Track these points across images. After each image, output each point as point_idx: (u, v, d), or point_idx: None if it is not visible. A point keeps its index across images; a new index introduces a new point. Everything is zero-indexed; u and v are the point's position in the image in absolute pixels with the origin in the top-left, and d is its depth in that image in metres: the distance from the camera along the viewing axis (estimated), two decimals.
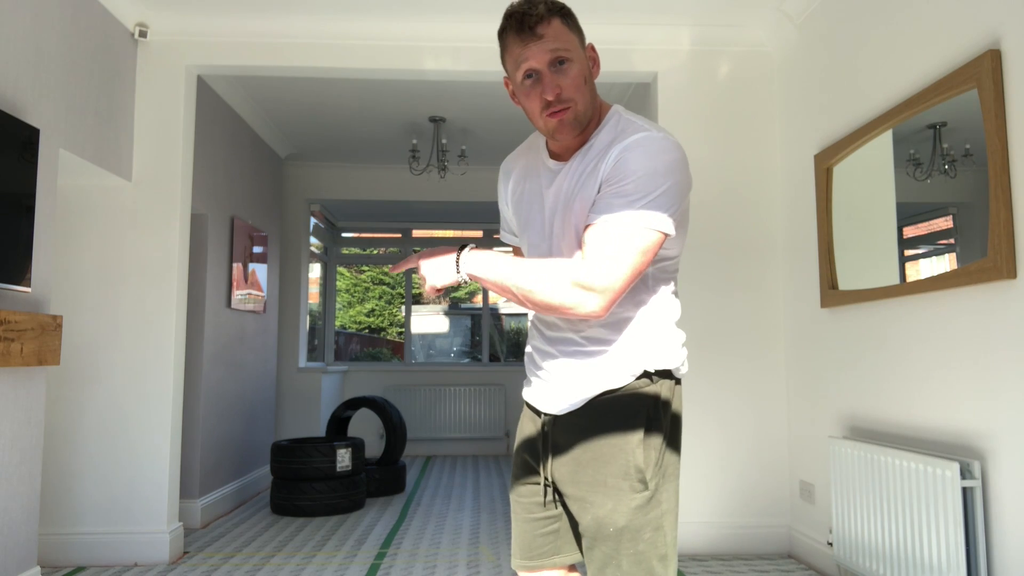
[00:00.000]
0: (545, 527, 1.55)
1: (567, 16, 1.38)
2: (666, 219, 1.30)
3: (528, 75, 1.37)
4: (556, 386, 1.48)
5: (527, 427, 1.60)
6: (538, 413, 1.55)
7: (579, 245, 1.38)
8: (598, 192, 1.35)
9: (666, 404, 1.44)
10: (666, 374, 1.45)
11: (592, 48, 1.44)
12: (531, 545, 1.56)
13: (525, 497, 1.57)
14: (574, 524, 1.51)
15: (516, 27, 1.35)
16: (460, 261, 1.35)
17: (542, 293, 1.29)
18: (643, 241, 1.29)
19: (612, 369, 1.43)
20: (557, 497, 1.52)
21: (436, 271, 1.36)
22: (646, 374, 1.43)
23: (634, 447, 1.39)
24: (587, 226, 1.33)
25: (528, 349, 1.60)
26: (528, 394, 1.58)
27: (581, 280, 1.27)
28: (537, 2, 1.36)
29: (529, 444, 1.57)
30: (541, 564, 1.55)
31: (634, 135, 1.35)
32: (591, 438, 1.42)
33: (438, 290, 1.38)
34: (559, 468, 1.47)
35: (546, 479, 1.51)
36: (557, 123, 1.37)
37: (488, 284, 1.34)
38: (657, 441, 1.41)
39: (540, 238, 1.48)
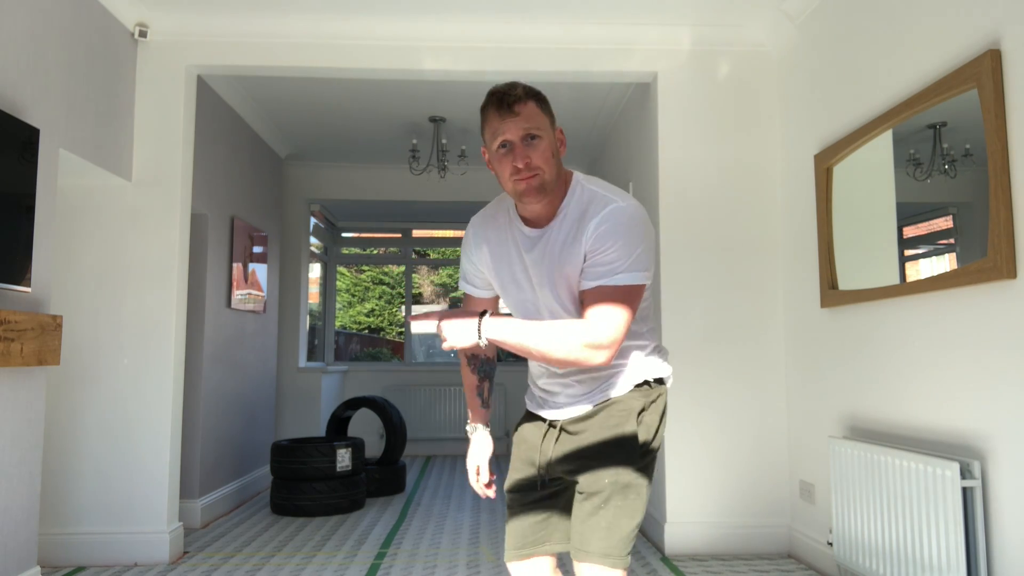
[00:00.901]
0: (538, 517, 1.77)
1: (541, 101, 1.62)
2: (645, 273, 1.57)
3: (503, 145, 1.59)
4: (569, 404, 1.75)
5: (529, 431, 1.83)
6: (543, 420, 1.80)
7: (573, 302, 1.64)
8: (585, 260, 1.58)
9: (658, 401, 1.73)
10: (660, 381, 1.75)
11: (560, 131, 1.66)
12: (524, 534, 1.77)
13: (523, 491, 1.79)
14: (566, 508, 1.76)
15: (496, 104, 1.58)
16: (482, 328, 1.52)
17: (558, 352, 1.51)
18: (631, 297, 1.55)
19: (618, 384, 1.71)
20: (551, 483, 1.76)
21: (458, 333, 1.54)
22: (645, 382, 1.72)
23: (634, 427, 1.68)
24: (583, 291, 1.57)
25: (536, 389, 1.83)
26: (535, 409, 1.83)
27: (590, 340, 1.50)
28: (517, 85, 1.59)
29: (530, 442, 1.81)
30: (532, 551, 1.76)
31: (604, 208, 1.58)
32: (598, 423, 1.70)
33: (458, 348, 1.57)
34: (564, 447, 1.73)
35: (544, 463, 1.76)
36: (525, 187, 1.58)
37: (506, 346, 1.54)
38: (652, 428, 1.70)
39: (529, 295, 1.71)
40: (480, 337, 1.52)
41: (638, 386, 1.71)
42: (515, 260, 1.71)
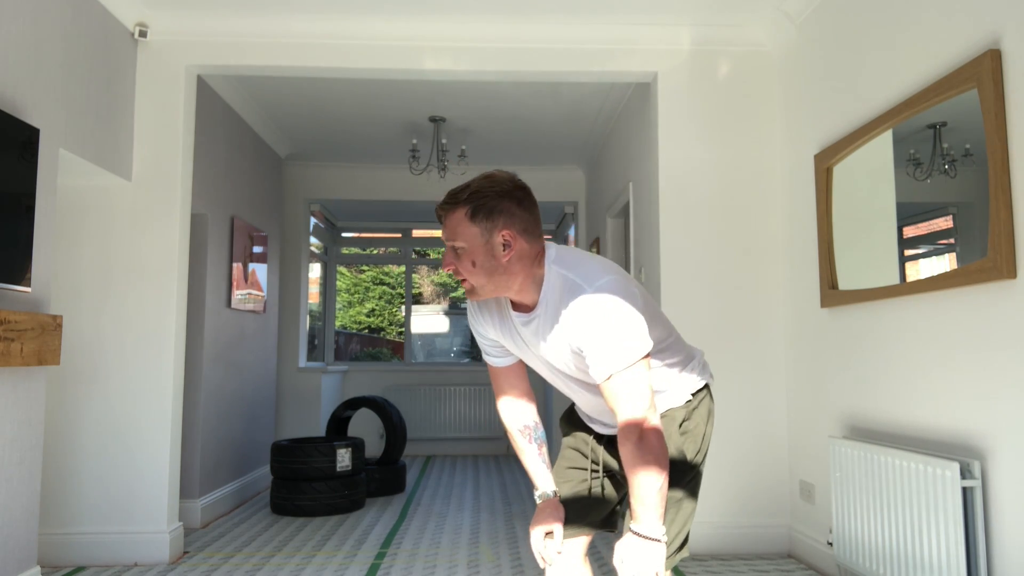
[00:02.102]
0: (580, 498, 1.86)
1: (478, 209, 1.58)
2: (643, 342, 1.55)
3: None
4: (612, 427, 1.83)
5: (580, 433, 1.95)
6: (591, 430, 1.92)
7: (582, 370, 1.66)
8: (580, 351, 1.59)
9: (700, 407, 1.81)
10: (701, 390, 1.84)
11: (506, 234, 1.59)
12: (568, 515, 1.85)
13: (570, 482, 1.90)
14: (608, 492, 1.89)
15: (438, 209, 1.63)
16: (662, 539, 1.52)
17: (662, 460, 1.53)
18: (641, 370, 1.55)
19: (660, 406, 1.77)
20: (604, 475, 1.88)
21: (657, 563, 1.50)
22: (687, 399, 1.81)
23: (679, 444, 1.77)
24: (599, 384, 1.59)
25: (583, 413, 1.93)
26: (584, 418, 1.94)
27: (641, 430, 1.53)
28: (453, 193, 1.60)
29: (580, 436, 1.94)
30: (575, 532, 1.84)
31: (575, 302, 1.56)
32: None
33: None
34: (613, 455, 1.85)
35: (595, 463, 1.88)
36: (464, 288, 1.67)
37: (663, 509, 1.55)
38: (698, 435, 1.80)
39: (544, 367, 1.78)
40: (663, 541, 1.52)
41: (685, 402, 1.80)
42: (518, 340, 1.76)
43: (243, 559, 3.75)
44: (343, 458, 4.86)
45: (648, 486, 1.51)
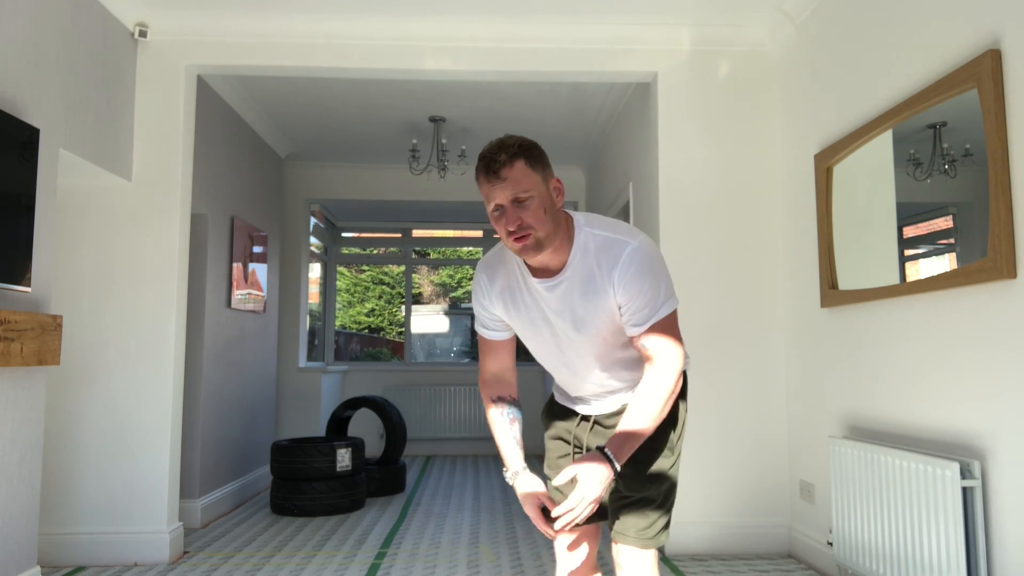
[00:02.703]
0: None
1: (532, 157, 1.62)
2: (675, 298, 1.70)
3: (496, 208, 1.62)
4: (604, 404, 1.86)
5: (562, 425, 1.95)
6: (575, 414, 1.93)
7: (606, 344, 1.73)
8: (620, 307, 1.67)
9: (683, 394, 1.86)
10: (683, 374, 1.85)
11: (556, 181, 1.67)
12: None
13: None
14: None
15: (484, 169, 1.61)
16: (615, 465, 1.59)
17: (669, 403, 1.67)
18: (674, 321, 1.70)
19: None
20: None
21: (599, 485, 1.57)
22: None
23: (667, 425, 1.80)
24: (637, 335, 1.68)
25: (568, 398, 1.94)
26: (566, 403, 1.94)
27: (672, 374, 1.66)
28: (502, 148, 1.60)
29: (563, 428, 1.94)
30: (581, 525, 1.82)
31: (622, 254, 1.65)
32: None
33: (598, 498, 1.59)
34: (598, 438, 1.87)
35: (578, 447, 1.90)
36: (521, 247, 1.62)
37: (632, 451, 1.64)
38: (681, 417, 1.84)
39: (549, 341, 1.78)
40: (618, 470, 1.59)
41: None
42: (532, 309, 1.76)
43: (243, 559, 3.75)
44: (343, 458, 4.86)
45: (643, 421, 1.63)
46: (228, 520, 4.64)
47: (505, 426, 1.85)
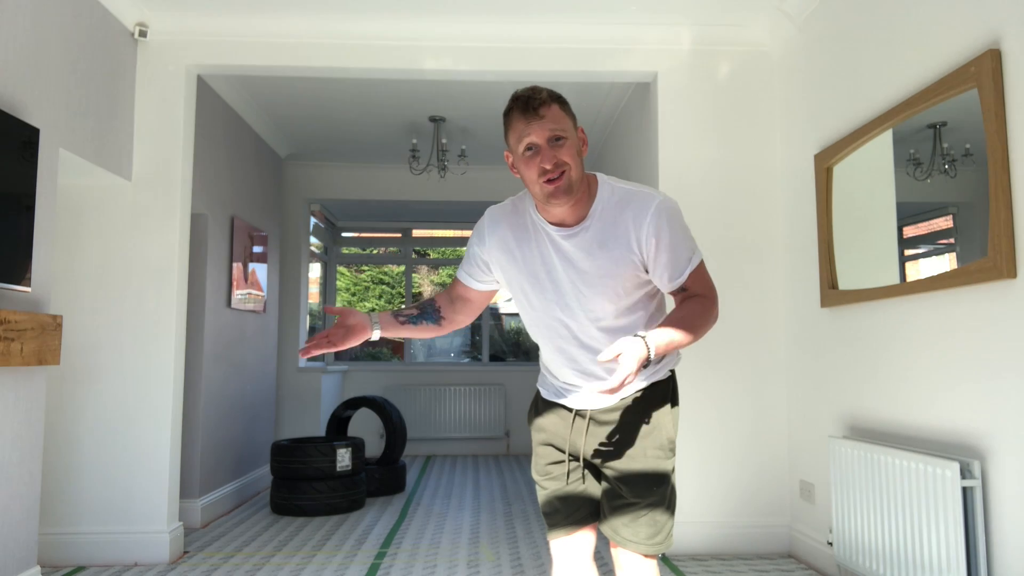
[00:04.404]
0: (574, 496, 1.84)
1: (564, 103, 1.66)
2: (700, 250, 1.75)
3: (529, 148, 1.62)
4: (593, 390, 1.72)
5: (551, 421, 1.87)
6: (568, 410, 1.84)
7: (615, 300, 1.72)
8: (649, 261, 1.68)
9: (675, 391, 1.86)
10: (672, 371, 1.87)
11: (582, 130, 1.70)
12: (567, 512, 1.85)
13: (554, 476, 1.86)
14: (596, 485, 1.86)
15: (522, 107, 1.62)
16: (650, 351, 1.55)
17: (706, 330, 1.69)
18: (705, 268, 1.75)
19: (645, 377, 1.79)
20: (585, 471, 1.85)
21: (636, 362, 1.51)
22: (666, 376, 1.84)
23: (667, 424, 1.81)
24: (678, 286, 1.71)
25: (556, 380, 1.86)
26: (554, 397, 1.87)
27: (717, 309, 1.73)
28: (540, 89, 1.64)
29: (553, 431, 1.87)
30: (578, 527, 1.84)
31: (650, 207, 1.66)
32: (631, 413, 1.79)
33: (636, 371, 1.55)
34: (596, 439, 1.81)
35: (574, 456, 1.83)
36: (552, 189, 1.61)
37: (673, 346, 1.61)
38: (677, 416, 1.84)
39: (552, 295, 1.74)
40: (651, 355, 1.54)
41: (663, 379, 1.83)
42: (537, 258, 1.74)
43: (243, 559, 3.75)
44: (343, 458, 4.86)
45: (684, 327, 1.62)
46: (228, 520, 4.64)
47: (410, 315, 1.86)
